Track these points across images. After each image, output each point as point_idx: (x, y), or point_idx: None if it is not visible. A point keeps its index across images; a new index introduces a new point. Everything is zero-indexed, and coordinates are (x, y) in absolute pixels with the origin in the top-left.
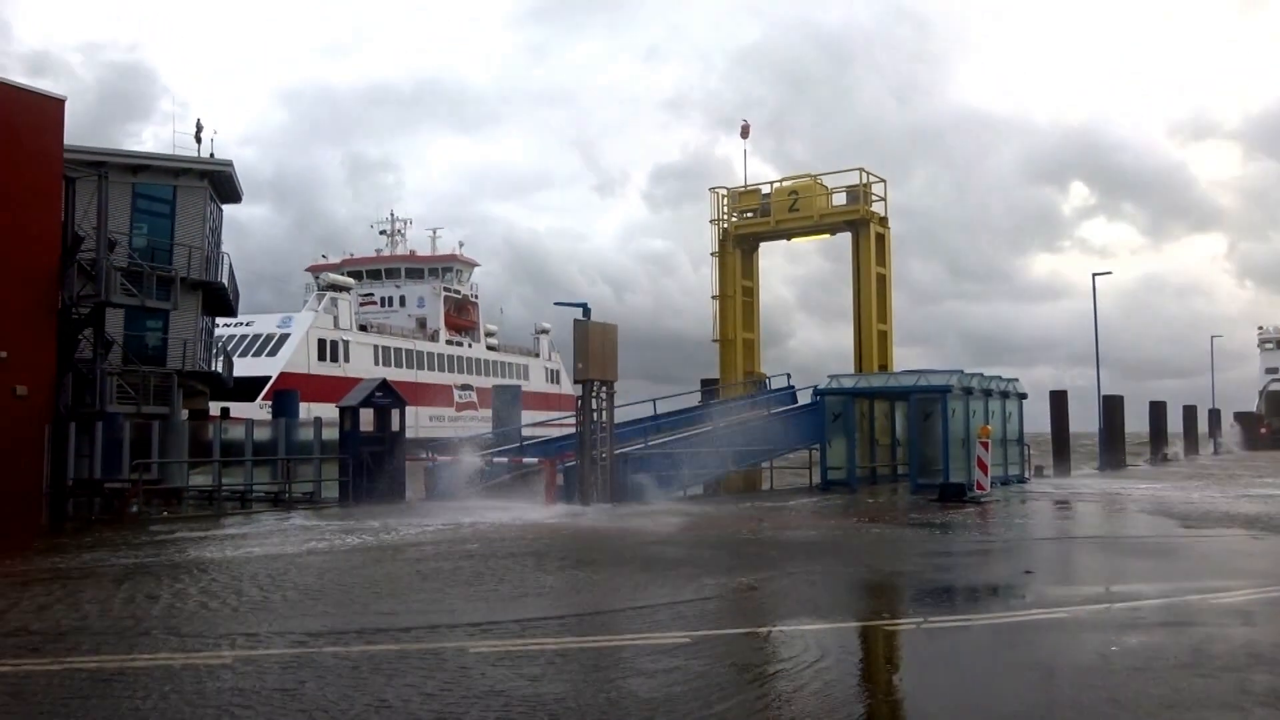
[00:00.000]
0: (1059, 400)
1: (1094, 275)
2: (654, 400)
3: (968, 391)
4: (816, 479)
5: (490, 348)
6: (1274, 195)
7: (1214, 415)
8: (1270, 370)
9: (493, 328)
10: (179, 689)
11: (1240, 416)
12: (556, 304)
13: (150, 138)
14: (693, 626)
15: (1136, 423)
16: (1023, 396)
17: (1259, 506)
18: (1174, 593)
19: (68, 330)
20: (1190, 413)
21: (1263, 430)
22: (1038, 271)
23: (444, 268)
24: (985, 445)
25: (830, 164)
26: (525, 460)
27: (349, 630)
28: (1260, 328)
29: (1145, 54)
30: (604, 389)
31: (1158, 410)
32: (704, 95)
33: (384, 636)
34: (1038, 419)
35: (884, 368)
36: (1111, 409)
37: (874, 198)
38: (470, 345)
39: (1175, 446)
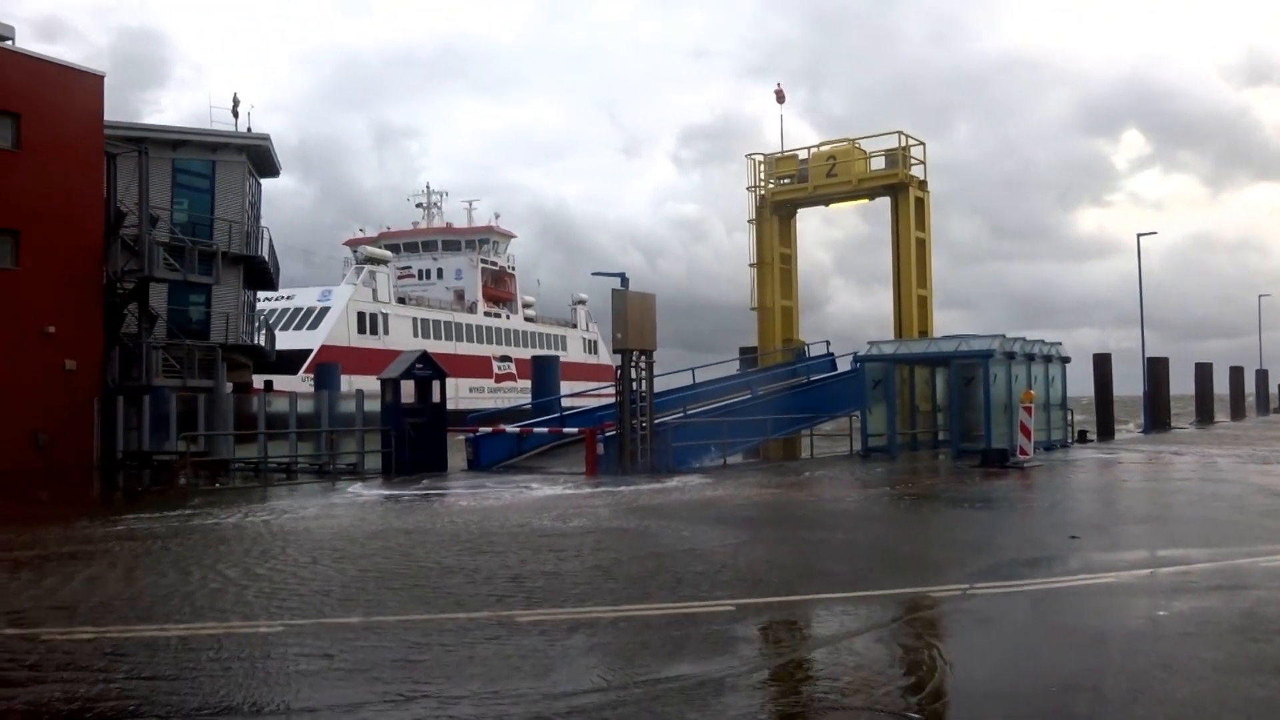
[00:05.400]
0: (1102, 364)
1: (1139, 236)
2: (692, 369)
3: (1010, 356)
4: (857, 446)
5: (528, 319)
6: None
7: (1261, 376)
8: None
9: (530, 299)
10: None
11: None
12: (594, 274)
13: (170, 105)
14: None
15: (1183, 384)
16: (1065, 360)
17: None
18: (1222, 556)
19: (113, 305)
20: (1237, 374)
21: None
22: (1085, 228)
23: (480, 239)
24: (1028, 410)
25: (866, 115)
26: (565, 430)
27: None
28: None
29: None
30: (643, 358)
31: (1203, 372)
32: (731, 43)
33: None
34: (1081, 383)
35: (924, 333)
36: (1156, 372)
37: (913, 161)
38: (508, 317)
39: (1221, 409)
